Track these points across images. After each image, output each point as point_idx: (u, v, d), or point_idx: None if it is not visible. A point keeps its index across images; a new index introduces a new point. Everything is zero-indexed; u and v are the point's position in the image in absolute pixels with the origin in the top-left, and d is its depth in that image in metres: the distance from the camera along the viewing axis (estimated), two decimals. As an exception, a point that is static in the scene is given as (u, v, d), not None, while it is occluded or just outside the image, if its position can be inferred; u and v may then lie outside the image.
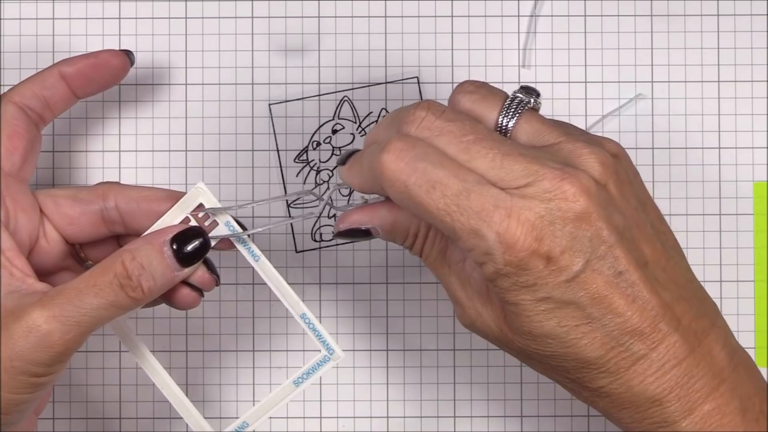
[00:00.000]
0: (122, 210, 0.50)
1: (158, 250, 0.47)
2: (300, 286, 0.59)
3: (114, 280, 0.46)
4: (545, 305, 0.44)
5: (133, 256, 0.47)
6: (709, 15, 0.59)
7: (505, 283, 0.44)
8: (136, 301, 0.47)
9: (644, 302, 0.44)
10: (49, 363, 0.46)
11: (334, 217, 0.59)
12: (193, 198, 0.49)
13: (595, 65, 0.60)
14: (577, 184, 0.44)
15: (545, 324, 0.44)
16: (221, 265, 0.59)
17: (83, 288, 0.46)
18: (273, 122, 0.59)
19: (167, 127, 0.59)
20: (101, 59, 0.53)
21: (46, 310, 0.45)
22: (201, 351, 0.59)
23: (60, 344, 0.46)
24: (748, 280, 0.59)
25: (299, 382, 0.50)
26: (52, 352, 0.46)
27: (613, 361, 0.45)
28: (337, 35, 0.60)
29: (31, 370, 0.46)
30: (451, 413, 0.59)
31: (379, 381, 0.59)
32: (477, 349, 0.59)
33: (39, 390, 0.47)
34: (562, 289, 0.44)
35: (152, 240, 0.48)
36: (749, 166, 0.59)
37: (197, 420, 0.51)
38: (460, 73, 0.59)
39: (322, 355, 0.50)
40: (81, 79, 0.53)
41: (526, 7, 0.60)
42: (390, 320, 0.59)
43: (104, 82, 0.54)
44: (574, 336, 0.44)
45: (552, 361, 0.46)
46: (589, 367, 0.45)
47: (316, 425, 0.59)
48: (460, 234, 0.44)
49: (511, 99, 0.47)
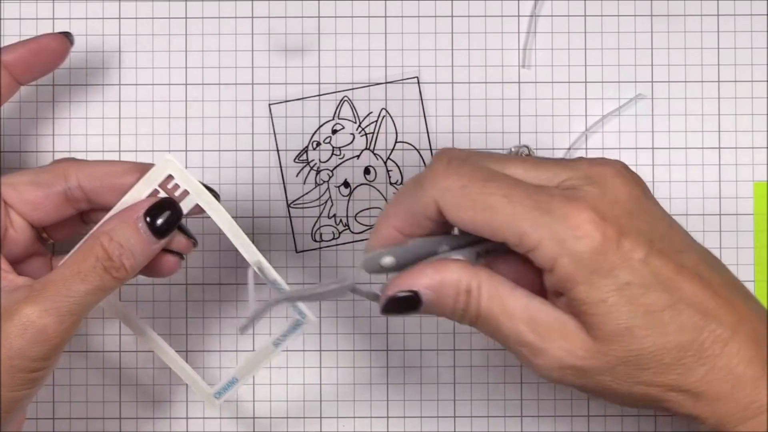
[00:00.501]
0: (86, 188, 0.50)
1: (133, 226, 0.48)
2: (300, 286, 0.59)
3: (97, 264, 0.47)
4: (628, 292, 0.43)
5: (111, 237, 0.47)
6: (709, 15, 0.59)
7: (584, 274, 0.43)
8: (121, 281, 0.48)
9: (711, 280, 0.44)
10: (45, 357, 0.46)
11: (334, 217, 0.59)
12: (161, 171, 0.49)
13: (595, 65, 0.60)
14: (614, 167, 0.44)
15: (635, 314, 0.43)
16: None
17: (69, 277, 0.47)
18: (273, 122, 0.59)
19: (167, 127, 0.59)
20: (41, 44, 0.53)
21: (38, 304, 0.46)
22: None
23: (56, 336, 0.46)
24: (748, 280, 0.59)
25: (278, 343, 0.52)
26: (49, 346, 0.46)
27: (707, 343, 0.44)
28: (337, 35, 0.60)
29: (29, 366, 0.46)
30: (451, 413, 0.59)
31: (379, 381, 0.59)
32: (477, 349, 0.59)
33: (37, 385, 0.47)
34: (638, 271, 0.43)
35: (126, 217, 0.48)
36: (749, 166, 0.59)
37: (198, 384, 0.52)
38: (460, 73, 0.59)
39: (295, 320, 0.51)
40: (21, 66, 0.53)
41: (526, 7, 0.60)
42: (390, 320, 0.59)
43: (45, 67, 0.54)
44: (664, 321, 0.44)
45: (652, 363, 0.44)
46: (688, 356, 0.44)
47: (316, 425, 0.59)
48: (525, 226, 0.43)
49: (511, 151, 0.48)
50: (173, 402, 0.59)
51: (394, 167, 0.59)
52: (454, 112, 0.59)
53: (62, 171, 0.50)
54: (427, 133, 0.59)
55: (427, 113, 0.59)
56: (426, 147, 0.59)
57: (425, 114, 0.59)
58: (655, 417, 0.59)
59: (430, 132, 0.59)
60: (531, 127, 0.59)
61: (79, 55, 0.59)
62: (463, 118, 0.59)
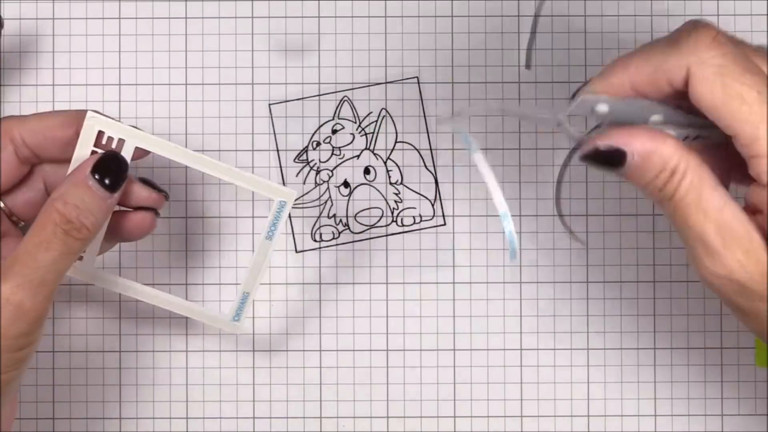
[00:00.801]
0: (30, 144, 0.51)
1: (84, 185, 0.48)
2: (300, 286, 0.59)
3: (56, 229, 0.47)
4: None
5: (65, 200, 0.48)
6: (709, 15, 0.59)
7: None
8: (85, 241, 0.48)
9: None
10: (28, 332, 0.47)
11: (334, 217, 0.59)
12: (90, 130, 0.50)
13: (595, 65, 0.59)
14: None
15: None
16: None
17: (32, 248, 0.47)
18: (273, 122, 0.59)
19: (167, 126, 0.59)
20: None
21: (9, 281, 0.46)
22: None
23: (33, 309, 0.46)
24: (748, 280, 0.59)
25: (270, 235, 0.52)
26: (28, 320, 0.46)
27: None
28: (337, 35, 0.60)
29: (14, 344, 0.46)
30: (451, 413, 0.59)
31: (379, 381, 0.59)
32: (477, 349, 0.59)
33: (23, 364, 0.47)
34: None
35: (75, 179, 0.49)
36: (749, 166, 0.59)
37: (212, 316, 0.53)
38: (460, 73, 0.59)
39: (277, 202, 0.52)
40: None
41: (526, 7, 0.60)
42: (390, 320, 0.59)
43: None
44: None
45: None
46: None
47: (316, 425, 0.59)
48: (763, 139, 0.42)
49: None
50: (173, 402, 0.59)
51: (394, 167, 0.59)
52: (454, 112, 0.59)
53: (7, 130, 0.51)
54: (427, 133, 0.59)
55: (427, 113, 0.59)
56: (426, 147, 0.59)
57: (425, 114, 0.59)
58: (654, 417, 0.59)
59: (430, 132, 0.59)
60: (531, 126, 0.59)
61: (79, 55, 0.59)
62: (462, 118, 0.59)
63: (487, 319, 0.59)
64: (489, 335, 0.59)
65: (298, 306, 0.59)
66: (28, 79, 0.59)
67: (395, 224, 0.59)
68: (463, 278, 0.59)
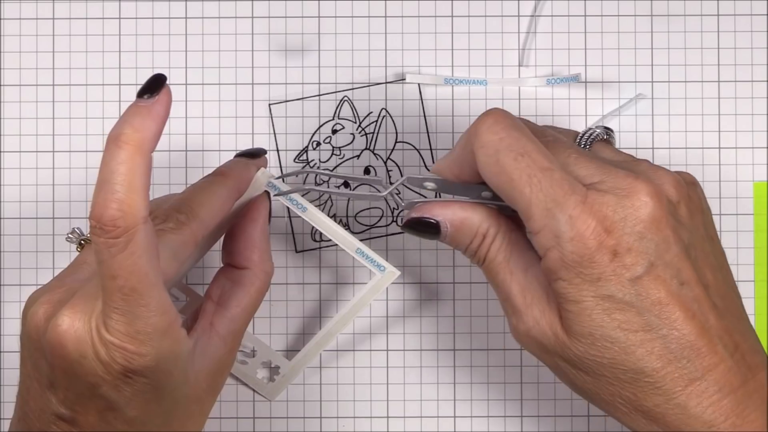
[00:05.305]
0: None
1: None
2: (300, 286, 0.59)
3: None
4: (607, 304, 0.44)
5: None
6: (709, 15, 0.59)
7: (569, 274, 0.44)
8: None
9: (704, 319, 0.44)
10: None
11: (334, 218, 0.59)
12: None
13: (595, 65, 0.60)
14: (650, 186, 0.45)
15: (605, 325, 0.44)
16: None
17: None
18: (273, 122, 0.59)
19: (167, 127, 0.59)
20: None
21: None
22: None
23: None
24: (748, 280, 0.59)
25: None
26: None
27: (670, 377, 0.44)
28: (337, 35, 0.60)
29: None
30: (451, 413, 0.59)
31: (379, 381, 0.59)
32: (477, 349, 0.59)
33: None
34: (625, 288, 0.44)
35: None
36: (749, 166, 0.59)
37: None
38: (460, 73, 0.59)
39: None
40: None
41: (526, 7, 0.60)
42: (390, 320, 0.59)
43: None
44: (632, 342, 0.44)
45: (607, 372, 0.45)
46: (644, 381, 0.44)
47: (316, 425, 0.59)
48: (534, 210, 0.44)
49: (585, 131, 0.49)
50: (173, 402, 0.59)
51: (394, 167, 0.59)
52: (454, 112, 0.59)
53: (191, 237, 0.48)
54: (427, 133, 0.59)
55: (427, 113, 0.59)
56: (426, 147, 0.59)
57: (425, 114, 0.59)
58: (655, 417, 0.59)
59: (430, 132, 0.59)
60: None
61: (80, 55, 0.59)
62: (463, 118, 0.59)
63: (487, 319, 0.59)
64: (489, 335, 0.59)
65: (298, 306, 0.59)
66: (28, 79, 0.59)
67: (395, 224, 0.59)
68: (464, 278, 0.59)
